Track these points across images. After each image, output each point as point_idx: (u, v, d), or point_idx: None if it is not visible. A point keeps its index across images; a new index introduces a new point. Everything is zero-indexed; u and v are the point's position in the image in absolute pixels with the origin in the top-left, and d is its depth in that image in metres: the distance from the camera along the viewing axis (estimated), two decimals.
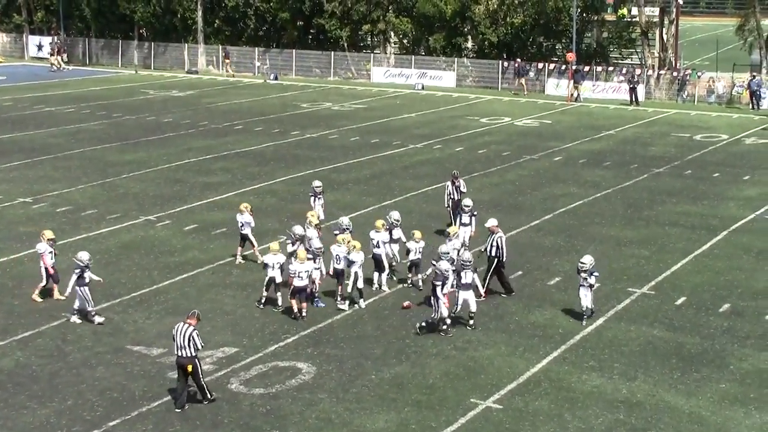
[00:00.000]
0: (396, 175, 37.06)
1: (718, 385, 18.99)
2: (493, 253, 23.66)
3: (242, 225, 26.27)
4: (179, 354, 18.05)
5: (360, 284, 22.95)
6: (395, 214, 25.20)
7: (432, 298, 21.52)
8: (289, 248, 23.55)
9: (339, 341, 21.07)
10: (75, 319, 22.04)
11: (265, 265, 23.04)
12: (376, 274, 24.27)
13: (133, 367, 19.74)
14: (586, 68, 59.15)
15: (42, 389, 18.79)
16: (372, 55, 68.46)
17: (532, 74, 60.76)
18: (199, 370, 18.18)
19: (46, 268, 23.53)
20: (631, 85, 55.65)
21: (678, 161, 39.82)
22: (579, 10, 61.28)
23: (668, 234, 29.25)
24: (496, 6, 63.50)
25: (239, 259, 26.20)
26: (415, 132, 46.29)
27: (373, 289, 24.13)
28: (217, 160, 39.44)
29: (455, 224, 27.19)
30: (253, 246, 26.20)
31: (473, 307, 21.71)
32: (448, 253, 22.06)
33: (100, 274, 24.63)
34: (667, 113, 52.58)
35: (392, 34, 69.16)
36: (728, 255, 27.27)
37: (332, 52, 68.28)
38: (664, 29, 60.57)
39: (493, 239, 23.75)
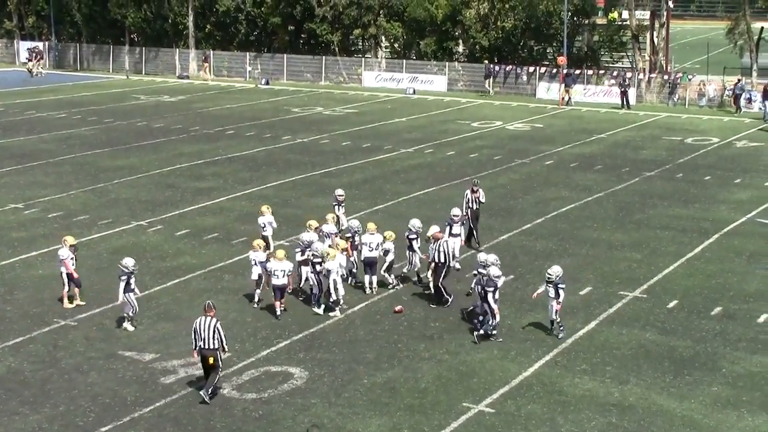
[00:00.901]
0: (387, 179, 37.07)
1: (710, 388, 19.02)
2: (442, 259, 23.27)
3: (264, 226, 26.55)
4: (203, 346, 18.29)
5: (333, 296, 22.76)
6: (417, 222, 24.88)
7: (485, 305, 21.25)
8: (298, 257, 23.51)
9: (331, 346, 21.06)
10: (127, 325, 21.87)
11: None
12: (366, 278, 24.27)
13: (125, 373, 19.71)
14: (577, 72, 59.28)
15: (34, 395, 18.75)
16: (363, 59, 68.50)
17: (524, 78, 60.89)
18: (218, 364, 18.44)
19: (69, 274, 23.23)
20: (622, 89, 55.75)
21: (669, 164, 39.89)
22: (570, 14, 61.40)
23: (660, 237, 29.30)
24: (486, 10, 63.61)
25: None
26: (407, 136, 46.32)
27: (366, 293, 24.13)
28: (208, 165, 39.42)
29: (474, 234, 27.77)
30: (269, 247, 26.29)
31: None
32: (486, 261, 21.90)
33: (92, 279, 24.72)
34: (658, 116, 52.68)
35: (383, 38, 69.20)
36: (720, 258, 27.32)
37: (323, 57, 68.31)
38: (654, 32, 60.69)
39: (438, 245, 23.39)
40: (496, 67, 61.95)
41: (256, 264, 23.13)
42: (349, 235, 25.19)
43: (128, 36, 76.32)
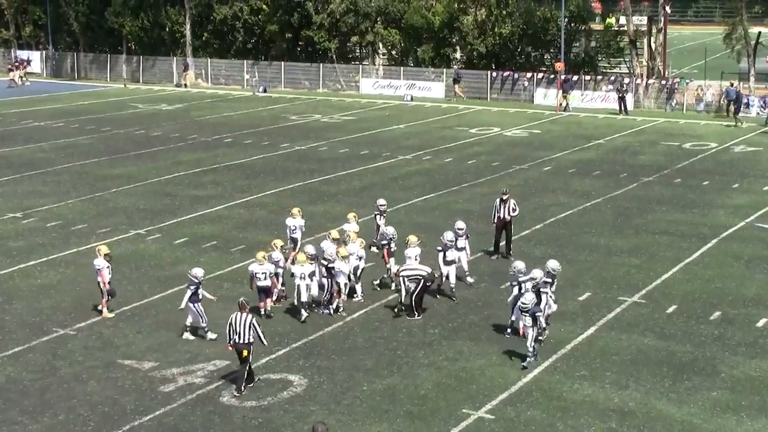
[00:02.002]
0: (386, 186, 37.07)
1: (709, 393, 19.01)
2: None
3: (294, 228, 26.75)
4: (238, 341, 19.10)
5: (303, 297, 22.83)
6: (449, 235, 24.47)
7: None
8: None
9: (330, 353, 21.05)
10: (188, 335, 21.85)
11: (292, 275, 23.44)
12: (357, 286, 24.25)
13: (124, 382, 19.69)
14: (575, 78, 59.32)
15: (33, 404, 18.73)
16: (361, 66, 68.56)
17: (524, 84, 60.93)
18: (250, 357, 19.14)
19: (105, 284, 23.08)
20: (620, 94, 55.78)
21: (667, 170, 39.91)
22: (567, 20, 61.47)
23: (658, 242, 29.30)
24: (484, 17, 63.70)
25: None
26: (405, 143, 46.34)
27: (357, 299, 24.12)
28: (206, 174, 39.42)
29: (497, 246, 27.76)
30: (294, 249, 26.31)
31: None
32: (521, 271, 21.76)
33: (90, 288, 24.66)
34: (656, 122, 52.73)
35: (381, 45, 69.27)
36: (718, 263, 27.32)
37: (321, 64, 68.38)
38: (652, 38, 60.76)
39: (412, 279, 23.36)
40: (495, 72, 62.46)
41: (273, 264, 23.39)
42: (384, 242, 25.15)
43: (125, 45, 76.38)
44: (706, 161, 41.93)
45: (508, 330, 21.85)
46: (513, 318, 21.69)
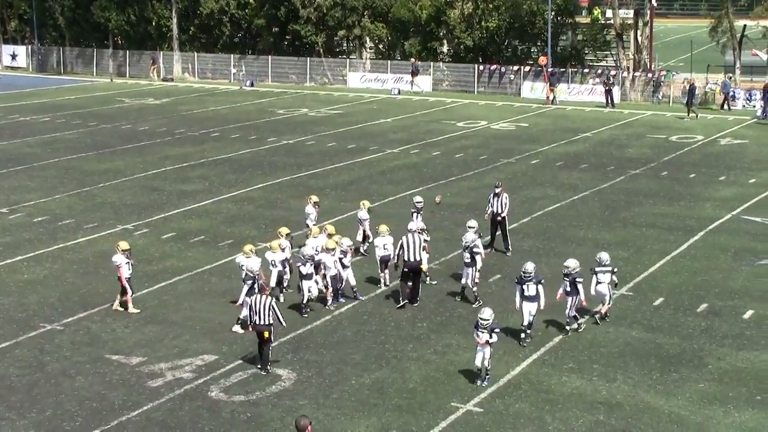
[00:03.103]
0: (374, 180, 37.07)
1: (696, 385, 19.08)
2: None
3: (309, 215, 27.24)
4: (258, 322, 19.64)
5: (272, 282, 23.15)
6: (469, 236, 23.98)
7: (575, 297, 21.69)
8: (303, 269, 23.17)
9: (319, 347, 21.05)
10: (237, 328, 21.75)
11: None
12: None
13: (112, 377, 19.65)
14: (562, 70, 59.37)
15: (20, 400, 18.67)
16: (348, 60, 68.51)
17: (511, 77, 60.99)
18: (271, 338, 19.73)
19: (127, 278, 22.98)
20: (607, 87, 55.88)
21: (654, 162, 40.00)
22: (553, 13, 61.51)
23: (645, 235, 29.37)
24: (471, 10, 63.71)
25: None
26: (392, 137, 46.33)
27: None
28: (194, 168, 39.35)
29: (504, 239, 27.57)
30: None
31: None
32: (573, 269, 21.66)
33: (78, 284, 24.69)
34: (642, 115, 52.82)
35: (368, 39, 69.24)
36: (705, 255, 27.40)
37: (308, 58, 68.32)
38: (638, 31, 60.87)
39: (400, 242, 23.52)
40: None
41: (312, 256, 23.40)
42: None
43: (112, 39, 76.19)
44: (693, 154, 42.03)
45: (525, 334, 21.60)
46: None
